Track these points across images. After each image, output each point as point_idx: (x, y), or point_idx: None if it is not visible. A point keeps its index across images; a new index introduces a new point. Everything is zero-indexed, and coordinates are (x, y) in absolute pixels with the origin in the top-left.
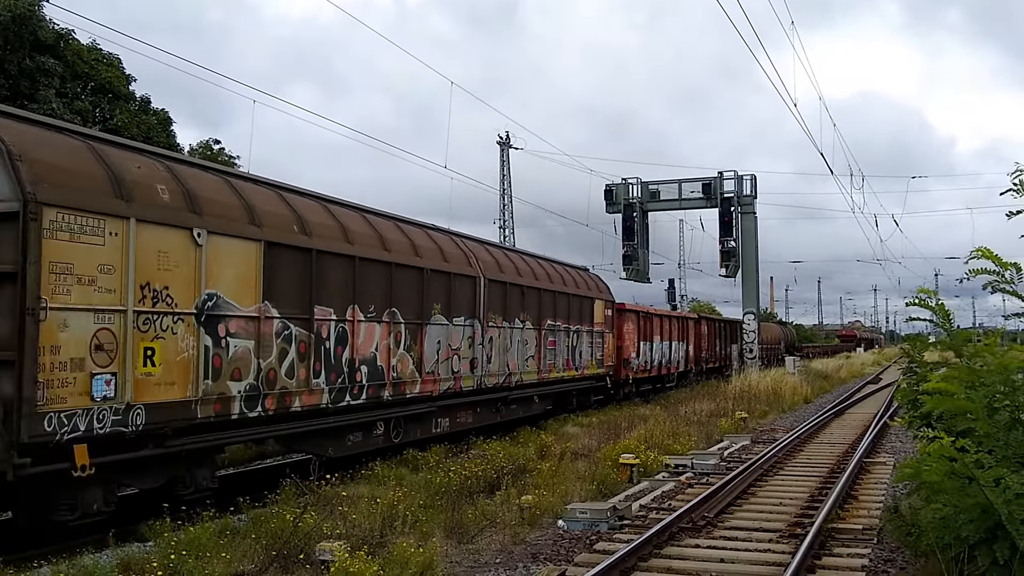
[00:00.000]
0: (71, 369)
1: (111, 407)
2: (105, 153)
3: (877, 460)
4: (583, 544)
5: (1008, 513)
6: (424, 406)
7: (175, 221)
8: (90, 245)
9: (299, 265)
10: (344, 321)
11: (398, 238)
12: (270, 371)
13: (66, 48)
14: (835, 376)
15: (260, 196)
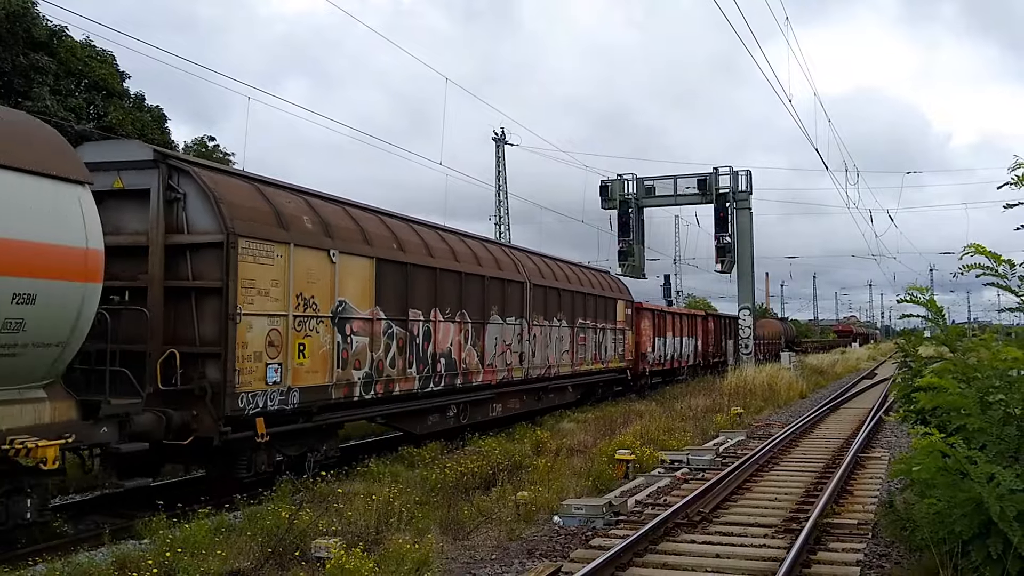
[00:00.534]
0: (254, 360)
1: (278, 389)
2: (267, 192)
3: (872, 455)
4: (579, 540)
5: (1000, 509)
6: (485, 393)
7: (317, 244)
8: (265, 265)
9: (398, 276)
10: (429, 321)
11: (464, 250)
12: (379, 362)
13: (59, 45)
14: (830, 371)
15: (368, 220)
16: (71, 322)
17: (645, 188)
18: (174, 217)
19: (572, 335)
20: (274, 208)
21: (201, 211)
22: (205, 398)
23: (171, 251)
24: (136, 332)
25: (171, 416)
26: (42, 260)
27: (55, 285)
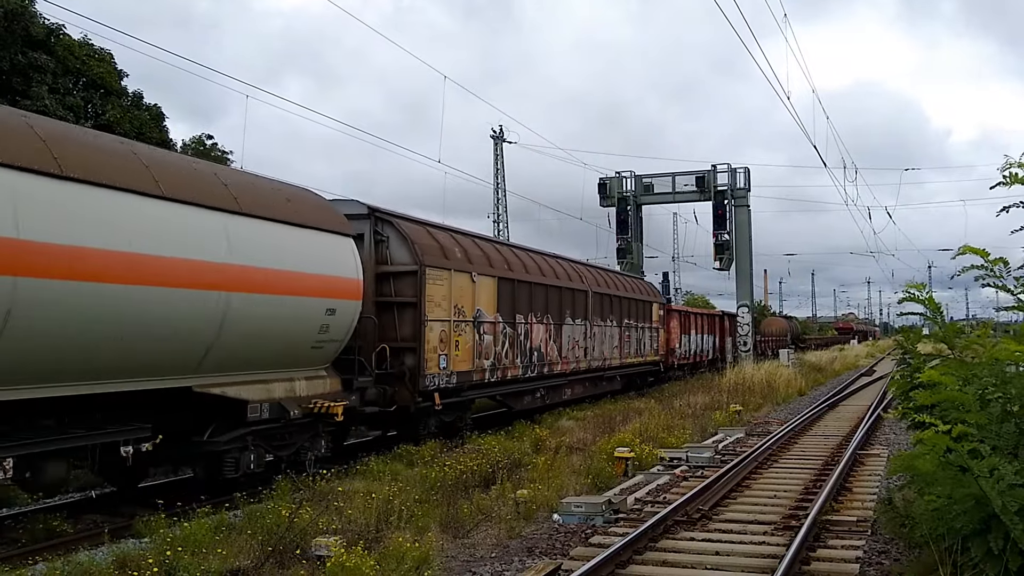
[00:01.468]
0: (432, 352)
1: (445, 373)
2: (432, 231)
3: (871, 452)
4: (578, 538)
5: (1002, 504)
6: (562, 380)
7: (464, 269)
8: (438, 285)
9: (509, 289)
10: (527, 323)
11: (547, 267)
12: (499, 354)
13: (57, 43)
14: (829, 368)
15: (488, 248)
16: (349, 326)
17: (643, 185)
18: (381, 253)
19: (620, 333)
20: (439, 244)
21: (399, 249)
22: (404, 379)
23: (379, 277)
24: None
25: (385, 391)
26: (338, 287)
27: (344, 303)
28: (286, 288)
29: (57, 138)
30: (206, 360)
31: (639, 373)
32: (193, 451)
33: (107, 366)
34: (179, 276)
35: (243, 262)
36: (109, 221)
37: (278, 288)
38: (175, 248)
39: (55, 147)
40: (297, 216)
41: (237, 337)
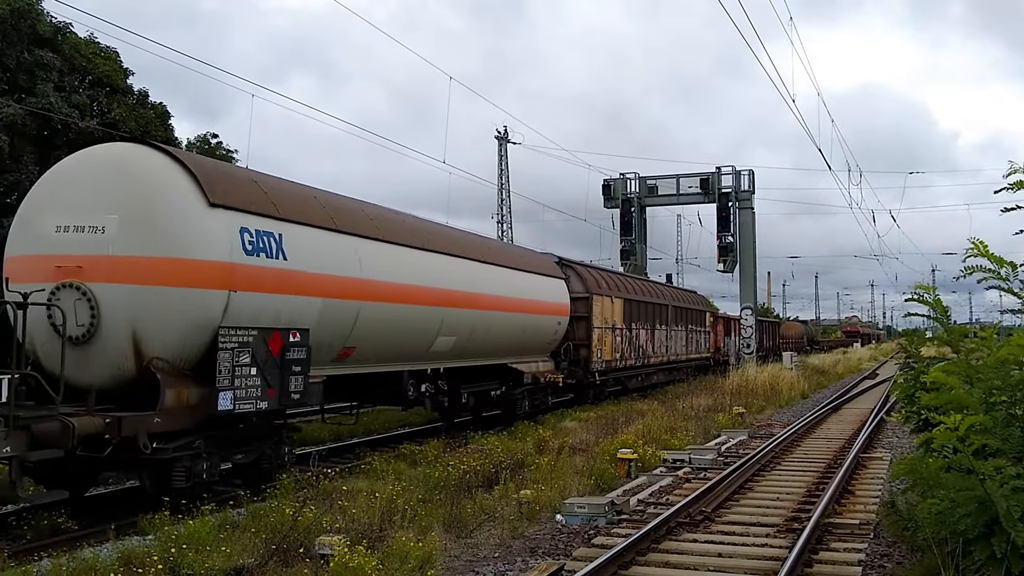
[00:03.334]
0: (596, 348)
1: (600, 361)
2: (592, 271)
3: (874, 455)
4: (581, 538)
5: (1006, 508)
6: (653, 369)
7: (609, 294)
8: (598, 305)
9: (629, 306)
10: (637, 329)
11: (647, 289)
12: (624, 350)
13: (63, 42)
14: (832, 371)
15: (618, 278)
16: (564, 331)
17: (647, 187)
18: (558, 282)
19: (686, 335)
20: (595, 279)
21: (577, 282)
22: (580, 364)
23: None
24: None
25: (573, 371)
26: (560, 309)
27: (562, 318)
28: (542, 311)
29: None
30: (512, 350)
31: (697, 365)
32: (505, 398)
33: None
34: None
35: (529, 297)
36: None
37: (541, 311)
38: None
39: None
40: (541, 268)
41: (526, 338)
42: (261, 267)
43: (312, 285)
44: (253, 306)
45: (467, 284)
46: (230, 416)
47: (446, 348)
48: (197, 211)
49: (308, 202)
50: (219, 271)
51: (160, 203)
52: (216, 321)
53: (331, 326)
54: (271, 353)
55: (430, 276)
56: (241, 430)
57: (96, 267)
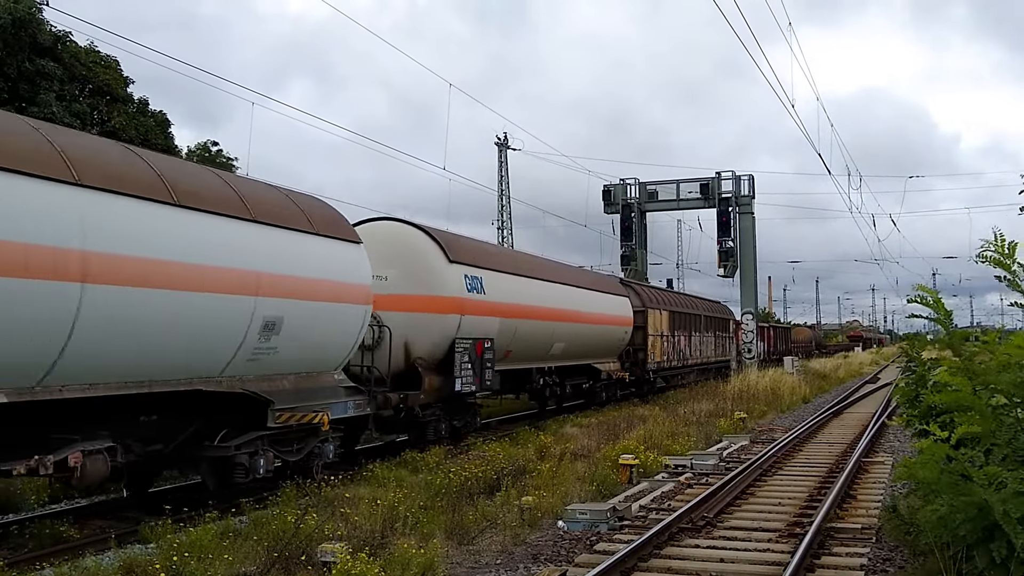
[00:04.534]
0: (650, 352)
1: (653, 362)
2: (646, 287)
3: (875, 460)
4: (583, 545)
5: (1003, 512)
6: (689, 369)
7: (658, 307)
8: (650, 317)
9: (673, 316)
10: (678, 335)
11: (686, 301)
12: (668, 353)
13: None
14: (833, 376)
15: (666, 294)
16: (628, 337)
17: (647, 192)
18: (623, 299)
19: (714, 340)
20: (649, 294)
21: (635, 298)
22: (638, 364)
23: None
24: None
25: (633, 370)
26: (627, 321)
27: (627, 328)
28: (615, 323)
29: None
30: (595, 353)
31: (723, 366)
32: (590, 390)
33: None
34: (597, 320)
35: (607, 312)
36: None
37: (614, 323)
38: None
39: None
40: (612, 289)
41: (603, 343)
42: (474, 300)
43: (496, 310)
44: (470, 324)
45: (570, 304)
46: (458, 395)
47: (559, 351)
48: (442, 266)
49: (496, 256)
50: (455, 303)
51: (421, 261)
52: (453, 334)
53: (503, 337)
54: (477, 354)
55: (551, 299)
56: (459, 404)
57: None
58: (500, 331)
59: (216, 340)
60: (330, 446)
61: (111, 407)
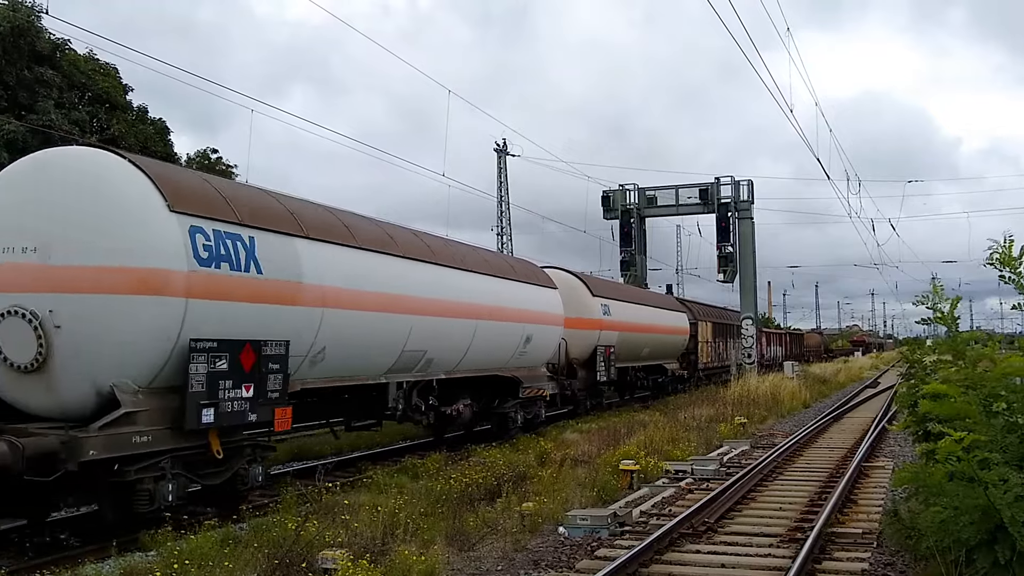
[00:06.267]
0: (700, 354)
1: (701, 363)
2: (697, 303)
3: (876, 464)
4: (584, 551)
5: (1011, 515)
6: (725, 367)
7: (706, 320)
8: (701, 327)
9: (715, 327)
10: (718, 341)
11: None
12: (710, 355)
13: (63, 58)
14: (834, 380)
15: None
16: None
17: (647, 198)
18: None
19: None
20: (700, 308)
21: (689, 313)
22: (691, 364)
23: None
24: None
25: (687, 369)
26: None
27: (685, 337)
28: (677, 332)
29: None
30: (664, 356)
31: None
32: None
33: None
34: (668, 331)
35: (672, 324)
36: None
37: (677, 332)
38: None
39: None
40: (675, 307)
41: (669, 348)
42: (606, 320)
43: (617, 326)
44: (604, 336)
45: (655, 320)
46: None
47: (645, 354)
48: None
49: (618, 289)
50: (596, 323)
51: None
52: (595, 343)
53: (619, 344)
54: (606, 356)
55: (645, 318)
56: (596, 389)
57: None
58: (618, 341)
59: (507, 347)
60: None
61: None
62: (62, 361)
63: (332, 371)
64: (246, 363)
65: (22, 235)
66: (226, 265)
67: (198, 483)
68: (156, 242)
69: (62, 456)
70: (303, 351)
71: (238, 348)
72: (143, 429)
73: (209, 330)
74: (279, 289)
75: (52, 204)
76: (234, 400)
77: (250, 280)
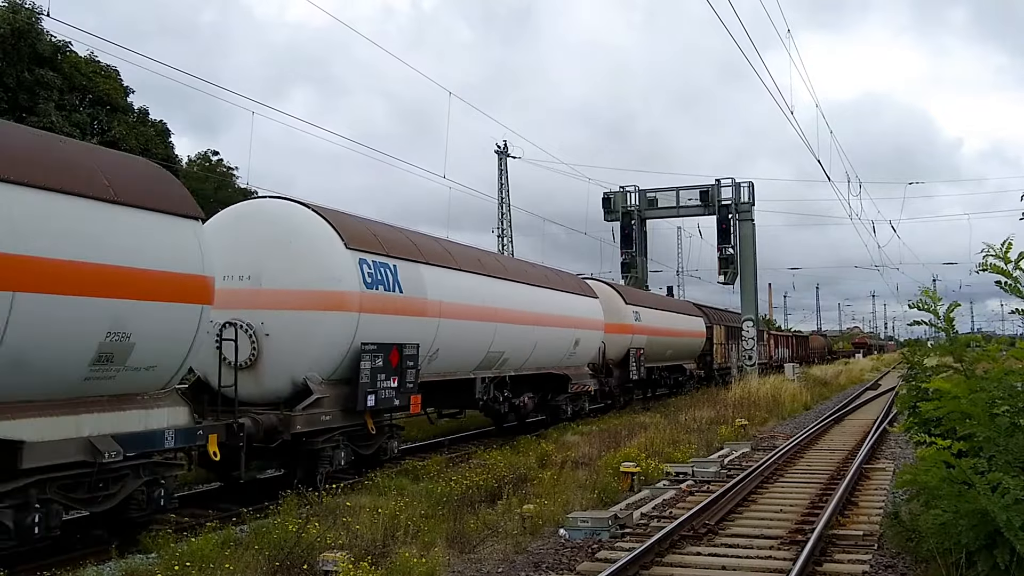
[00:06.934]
0: (715, 355)
1: (716, 363)
2: (712, 308)
3: (877, 466)
4: (585, 553)
5: (1007, 519)
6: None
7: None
8: (714, 331)
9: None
10: (730, 343)
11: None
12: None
13: (64, 60)
14: (834, 382)
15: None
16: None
17: (647, 200)
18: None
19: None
20: (714, 312)
21: (705, 318)
22: (707, 365)
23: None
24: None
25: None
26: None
27: (702, 340)
28: (694, 335)
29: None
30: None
31: (765, 365)
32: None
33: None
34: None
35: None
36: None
37: (694, 335)
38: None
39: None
40: (692, 312)
41: (687, 350)
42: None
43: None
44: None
45: (676, 325)
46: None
47: (669, 355)
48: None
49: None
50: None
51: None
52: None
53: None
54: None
55: (669, 322)
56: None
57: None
58: (647, 344)
59: (561, 349)
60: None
61: (530, 379)
62: (269, 360)
63: (441, 368)
64: (393, 361)
65: (237, 267)
66: (381, 287)
67: (358, 452)
68: (339, 272)
69: (280, 429)
70: (425, 352)
71: (389, 349)
72: (327, 411)
73: (372, 336)
74: (413, 304)
75: (259, 244)
76: (386, 389)
77: (396, 298)
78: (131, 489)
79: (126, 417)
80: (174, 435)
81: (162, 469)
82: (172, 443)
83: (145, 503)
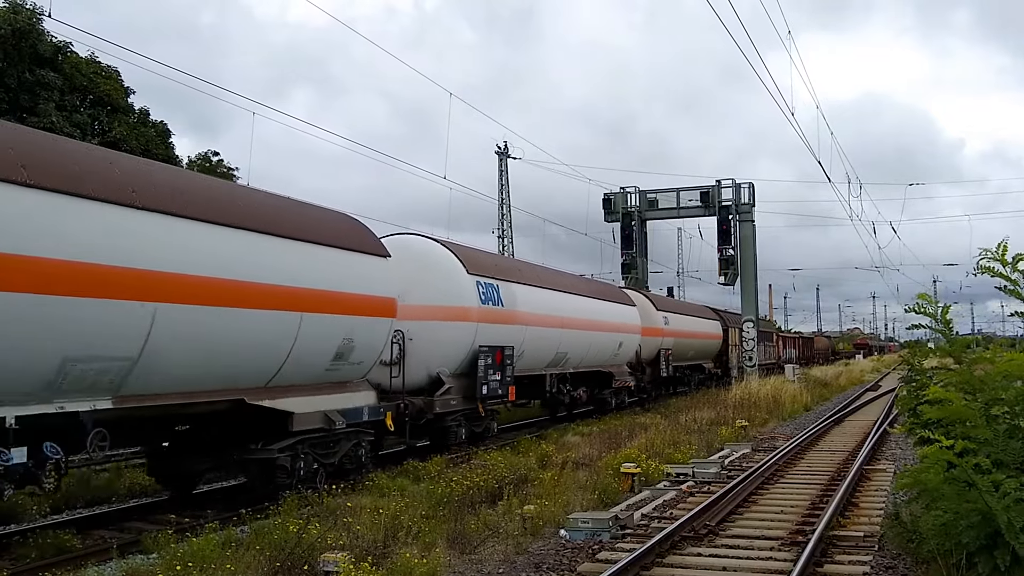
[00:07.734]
0: (730, 356)
1: (734, 363)
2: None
3: (877, 467)
4: (585, 553)
5: (1007, 520)
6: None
7: (734, 326)
8: (731, 332)
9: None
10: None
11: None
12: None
13: (64, 61)
14: (835, 383)
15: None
16: (718, 346)
17: (648, 201)
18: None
19: (764, 348)
20: (726, 315)
21: (723, 321)
22: (723, 364)
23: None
24: None
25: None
26: (718, 336)
27: (718, 341)
28: (711, 337)
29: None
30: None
31: (770, 365)
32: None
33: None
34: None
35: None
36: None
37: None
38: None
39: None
40: (708, 315)
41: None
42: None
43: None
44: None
45: (696, 328)
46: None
47: (690, 355)
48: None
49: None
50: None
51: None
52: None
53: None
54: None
55: (689, 325)
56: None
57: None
58: (674, 345)
59: (608, 350)
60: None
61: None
62: (413, 359)
63: (523, 366)
64: (497, 359)
65: None
66: (490, 303)
67: (472, 430)
68: (463, 291)
69: (425, 411)
70: (515, 353)
71: (496, 351)
72: (454, 397)
73: (485, 340)
74: (509, 315)
75: (406, 272)
76: (493, 381)
77: (499, 311)
78: (345, 449)
79: (343, 398)
80: (368, 411)
81: (361, 435)
82: (367, 417)
83: (353, 460)
